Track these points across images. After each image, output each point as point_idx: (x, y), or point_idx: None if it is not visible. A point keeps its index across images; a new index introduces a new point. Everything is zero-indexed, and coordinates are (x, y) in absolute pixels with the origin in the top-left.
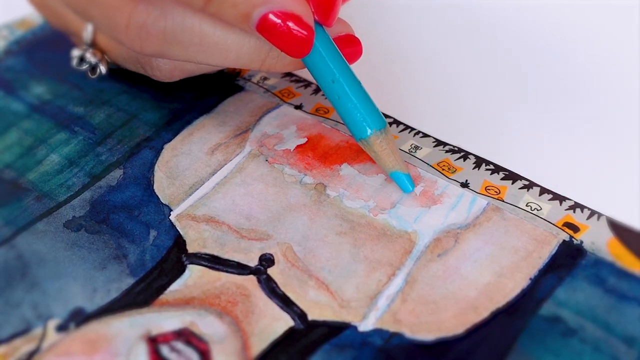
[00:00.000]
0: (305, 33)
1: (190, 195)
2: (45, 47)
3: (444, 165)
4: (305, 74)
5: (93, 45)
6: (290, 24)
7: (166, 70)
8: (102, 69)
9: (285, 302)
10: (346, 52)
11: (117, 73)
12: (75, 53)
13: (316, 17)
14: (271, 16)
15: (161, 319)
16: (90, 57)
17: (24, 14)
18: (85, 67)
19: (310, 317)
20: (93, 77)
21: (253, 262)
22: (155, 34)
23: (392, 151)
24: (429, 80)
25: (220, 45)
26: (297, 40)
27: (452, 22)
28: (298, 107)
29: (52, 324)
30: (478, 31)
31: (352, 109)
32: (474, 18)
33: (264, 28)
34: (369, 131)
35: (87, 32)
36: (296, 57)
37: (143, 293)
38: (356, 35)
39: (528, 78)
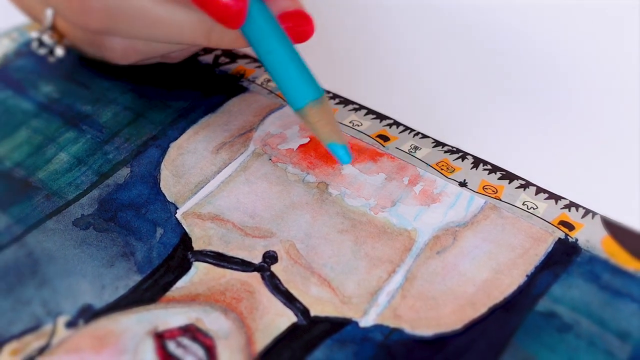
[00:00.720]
0: (234, 3)
1: (195, 193)
2: None
3: (442, 165)
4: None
5: (52, 28)
6: None
7: (120, 50)
8: (59, 51)
9: (289, 299)
10: (293, 28)
11: (123, 71)
12: (34, 35)
13: None
14: None
15: (168, 316)
16: (47, 39)
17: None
18: (44, 50)
19: (312, 313)
20: (52, 60)
21: (257, 259)
22: (98, 8)
23: (328, 122)
24: (429, 83)
25: (162, 20)
26: (229, 9)
27: (451, 24)
28: None
29: (62, 320)
30: (475, 34)
31: (287, 81)
32: (472, 20)
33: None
34: (303, 102)
35: (47, 15)
36: (231, 27)
37: (150, 290)
38: (306, 12)
39: (525, 80)
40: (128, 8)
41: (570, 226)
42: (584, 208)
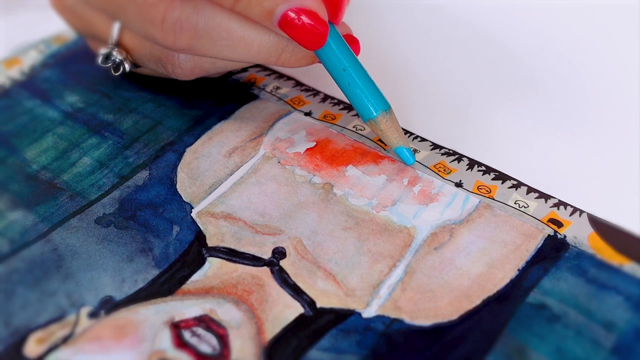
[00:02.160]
0: (321, 28)
1: (209, 194)
2: (78, 60)
3: (440, 167)
4: (314, 83)
5: (118, 44)
6: (308, 19)
7: (187, 68)
8: (127, 66)
9: (296, 291)
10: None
11: (143, 82)
12: (102, 51)
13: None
14: (290, 13)
15: (183, 307)
16: (116, 54)
17: (59, 30)
18: (109, 64)
19: (318, 305)
20: (116, 74)
21: (267, 254)
22: (188, 28)
23: (396, 129)
24: (427, 90)
25: (245, 41)
26: (313, 34)
27: (450, 33)
28: (307, 114)
29: (85, 311)
30: (470, 43)
31: (361, 94)
32: (468, 29)
33: (285, 24)
34: (375, 112)
35: (114, 31)
36: (312, 49)
37: (167, 283)
38: (354, 36)
39: (516, 87)
40: (216, 29)
41: (558, 223)
42: (571, 207)
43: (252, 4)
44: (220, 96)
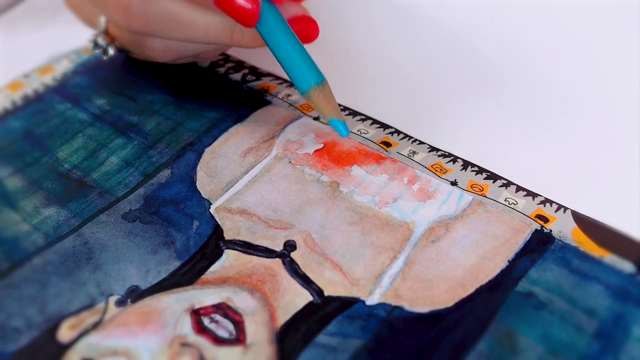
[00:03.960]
0: (250, 5)
1: (226, 191)
2: (105, 67)
3: (436, 167)
4: None
5: (105, 32)
6: None
7: (159, 50)
8: (111, 51)
9: (306, 281)
10: (301, 29)
11: (165, 86)
12: (90, 38)
13: None
14: None
15: (203, 295)
16: (101, 41)
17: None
18: (98, 50)
19: (326, 293)
20: (105, 58)
21: (279, 247)
22: (139, 14)
23: (329, 102)
24: (425, 97)
25: (192, 22)
26: (244, 9)
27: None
28: (316, 118)
29: (113, 299)
30: (463, 53)
31: (295, 68)
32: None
33: (219, 2)
34: (308, 86)
35: (101, 21)
36: (247, 25)
37: (188, 273)
38: (311, 17)
39: (508, 93)
40: (163, 12)
41: (545, 219)
42: (556, 204)
43: None
44: (236, 101)
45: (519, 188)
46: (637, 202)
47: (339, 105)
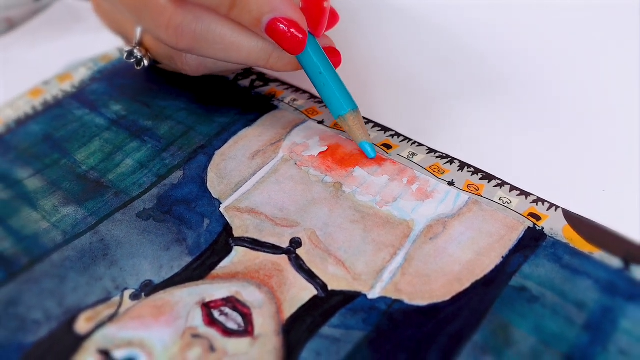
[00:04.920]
0: (300, 36)
1: (235, 191)
2: (121, 75)
3: (434, 168)
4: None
5: (140, 44)
6: (290, 28)
7: (193, 65)
8: (146, 62)
9: (310, 276)
10: (331, 59)
11: (177, 93)
12: (126, 49)
13: (309, 29)
14: (276, 21)
15: (213, 289)
16: (137, 52)
17: (105, 50)
18: (132, 60)
19: (330, 288)
20: (138, 68)
21: (285, 244)
22: (188, 33)
23: (361, 126)
24: (424, 102)
25: (236, 45)
26: (294, 40)
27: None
28: (320, 122)
29: (127, 293)
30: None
31: (333, 95)
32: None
33: (270, 30)
34: (345, 111)
35: (137, 33)
36: (293, 54)
37: (199, 269)
38: (337, 48)
39: (502, 97)
40: (212, 34)
41: (537, 217)
42: (548, 202)
43: (243, 13)
44: (245, 106)
45: (513, 188)
46: (624, 200)
47: None
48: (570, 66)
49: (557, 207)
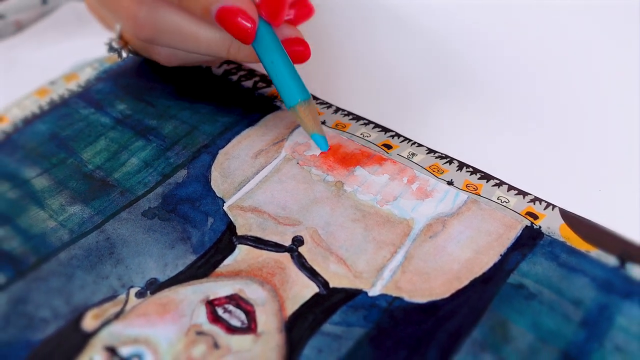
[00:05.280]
0: (249, 24)
1: (239, 190)
2: (126, 75)
3: (434, 168)
4: (327, 98)
5: (120, 37)
6: (238, 16)
7: (164, 55)
8: (124, 54)
9: (312, 274)
10: (294, 51)
11: (181, 93)
12: (106, 41)
13: (266, 18)
14: (223, 10)
15: (217, 287)
16: (115, 44)
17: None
18: (113, 52)
19: (331, 285)
20: (119, 60)
21: (287, 242)
22: (147, 24)
23: (313, 118)
24: (423, 104)
25: (193, 35)
26: (243, 28)
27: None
28: (322, 122)
29: (133, 291)
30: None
31: (285, 84)
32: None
33: (220, 19)
34: (295, 101)
35: (116, 27)
36: (244, 42)
37: (203, 267)
38: (304, 39)
39: (500, 99)
40: (169, 25)
41: (535, 216)
42: (545, 202)
43: (192, 3)
44: (248, 106)
45: (511, 187)
46: (620, 200)
47: (344, 110)
48: (567, 67)
49: (554, 206)
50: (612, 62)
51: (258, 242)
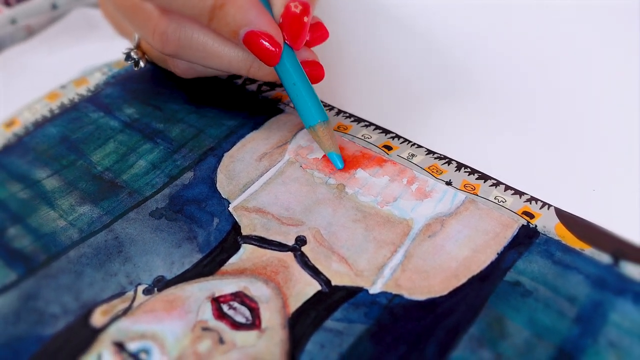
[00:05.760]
0: (274, 49)
1: (243, 192)
2: (134, 80)
3: (433, 169)
4: (329, 100)
5: (138, 46)
6: (264, 40)
7: (182, 68)
8: (142, 63)
9: (315, 272)
10: (310, 72)
11: (188, 97)
12: (124, 51)
13: (288, 42)
14: (252, 34)
15: (222, 285)
16: (133, 54)
17: (120, 56)
18: (130, 61)
19: (333, 283)
20: (136, 69)
21: (290, 242)
22: (172, 40)
23: (330, 137)
24: (422, 105)
25: (217, 54)
26: (269, 52)
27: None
28: None
29: (141, 288)
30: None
31: (305, 105)
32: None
33: (247, 41)
34: (315, 121)
35: (135, 37)
36: (269, 65)
37: (209, 265)
38: (319, 62)
39: (497, 101)
40: (194, 42)
41: (531, 215)
42: (541, 201)
43: (221, 25)
44: (252, 110)
45: (508, 187)
46: (614, 199)
47: (346, 112)
48: (563, 68)
49: (549, 205)
50: (608, 63)
51: (262, 242)
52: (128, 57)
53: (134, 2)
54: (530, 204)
